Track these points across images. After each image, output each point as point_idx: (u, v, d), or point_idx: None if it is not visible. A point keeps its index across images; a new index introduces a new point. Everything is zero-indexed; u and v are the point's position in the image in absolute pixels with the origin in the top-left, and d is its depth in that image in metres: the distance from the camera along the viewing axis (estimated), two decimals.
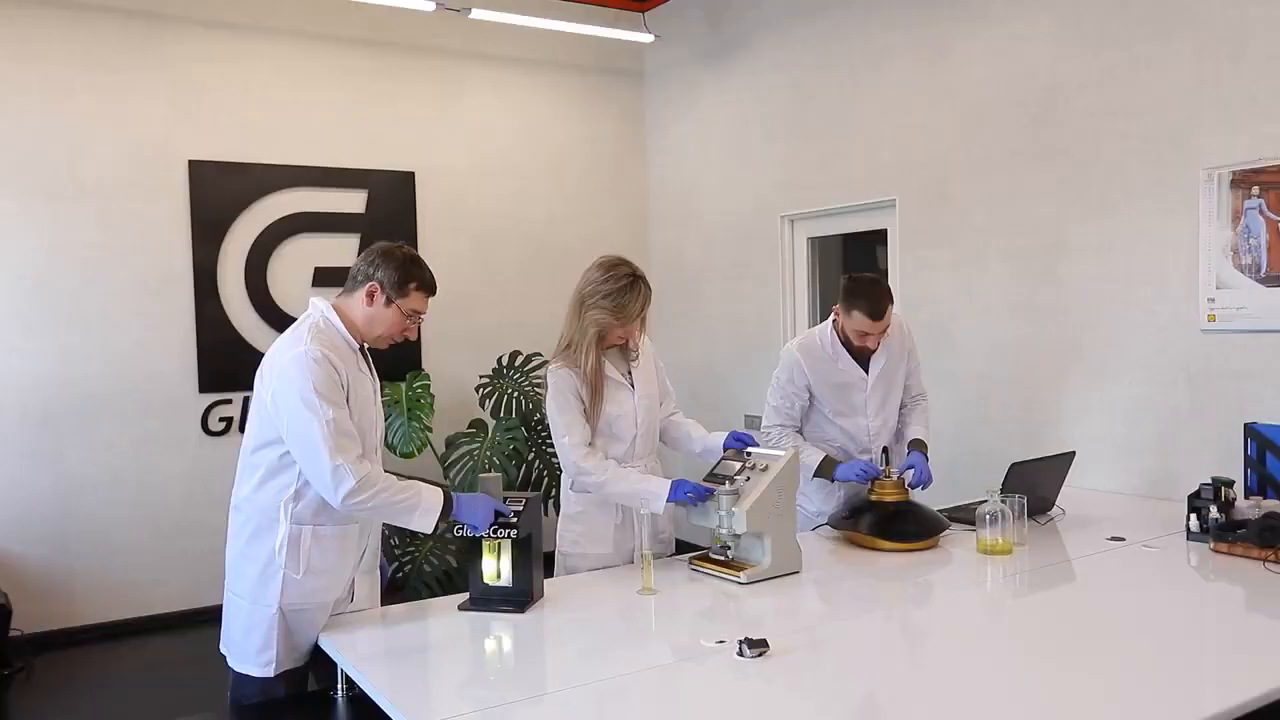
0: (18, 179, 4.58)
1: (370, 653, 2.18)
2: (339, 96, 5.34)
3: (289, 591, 2.24)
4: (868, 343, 3.19)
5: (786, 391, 3.33)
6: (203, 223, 4.97)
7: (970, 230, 4.26)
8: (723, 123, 5.69)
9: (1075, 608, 2.42)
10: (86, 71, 4.70)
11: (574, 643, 2.26)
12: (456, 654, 2.21)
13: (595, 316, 2.73)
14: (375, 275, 2.35)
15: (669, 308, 6.27)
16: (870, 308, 3.10)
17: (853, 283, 3.18)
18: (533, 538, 2.45)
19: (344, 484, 2.14)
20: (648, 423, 2.89)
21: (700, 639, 2.13)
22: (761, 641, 2.03)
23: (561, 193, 6.07)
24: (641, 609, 2.47)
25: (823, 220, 5.13)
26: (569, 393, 2.78)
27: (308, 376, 2.18)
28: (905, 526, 2.94)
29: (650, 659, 2.08)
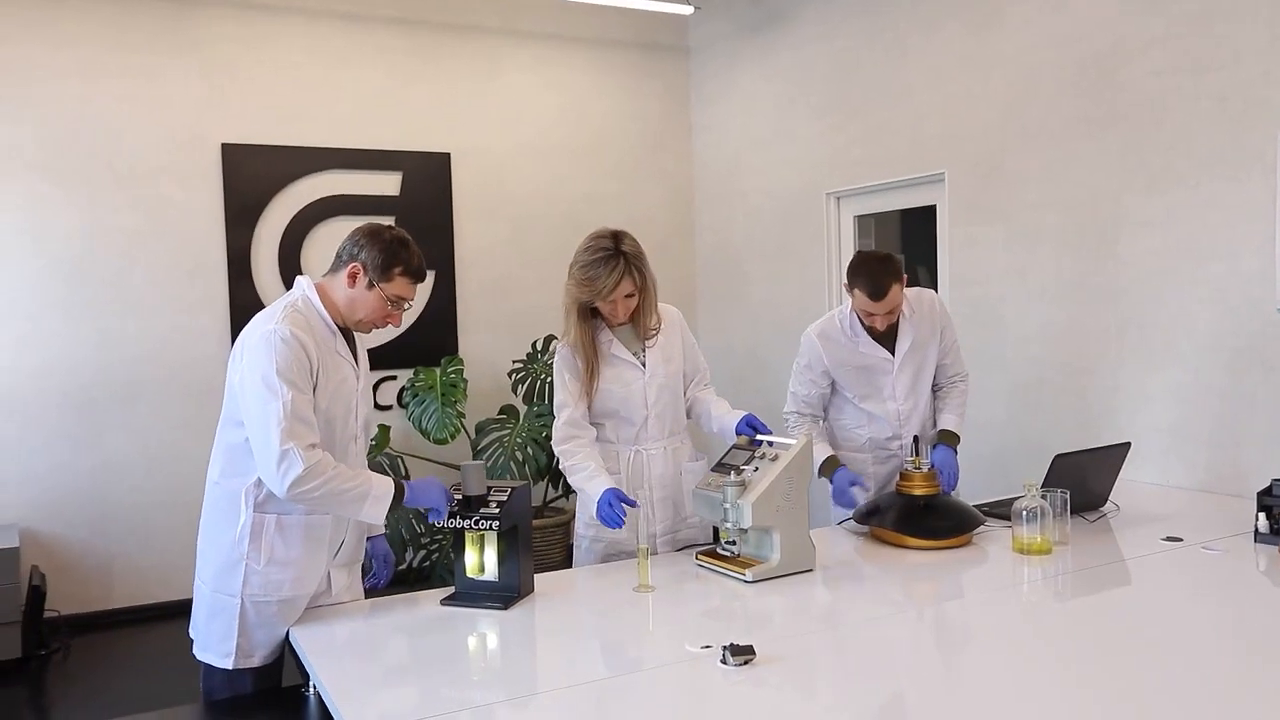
0: (55, 164, 4.61)
1: (335, 648, 2.06)
2: (373, 77, 5.27)
3: (251, 582, 2.14)
4: (874, 323, 3.02)
5: (804, 378, 3.19)
6: (236, 207, 4.95)
7: (1022, 205, 3.97)
8: (766, 97, 5.46)
9: (1118, 616, 2.17)
10: (120, 55, 4.71)
11: (552, 645, 2.11)
12: (424, 652, 2.07)
13: (571, 289, 2.63)
14: (359, 256, 2.22)
15: (714, 291, 6.07)
16: (870, 286, 2.90)
17: (856, 259, 3.02)
18: (519, 529, 2.31)
19: (291, 470, 2.02)
20: (663, 403, 2.72)
21: (685, 644, 1.96)
22: (747, 649, 1.85)
23: (602, 173, 5.91)
24: (636, 608, 2.30)
25: (869, 197, 4.86)
26: (565, 370, 2.68)
27: (272, 356, 2.07)
28: (934, 522, 2.71)
29: (625, 665, 1.92)
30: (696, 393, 2.85)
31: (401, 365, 5.32)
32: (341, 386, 2.23)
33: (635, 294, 2.63)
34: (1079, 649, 1.94)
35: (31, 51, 4.55)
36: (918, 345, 3.12)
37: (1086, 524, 2.89)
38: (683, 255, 6.20)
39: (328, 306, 2.23)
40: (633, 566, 2.56)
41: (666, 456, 2.74)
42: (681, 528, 2.77)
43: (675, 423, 2.79)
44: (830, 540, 2.83)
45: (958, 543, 2.70)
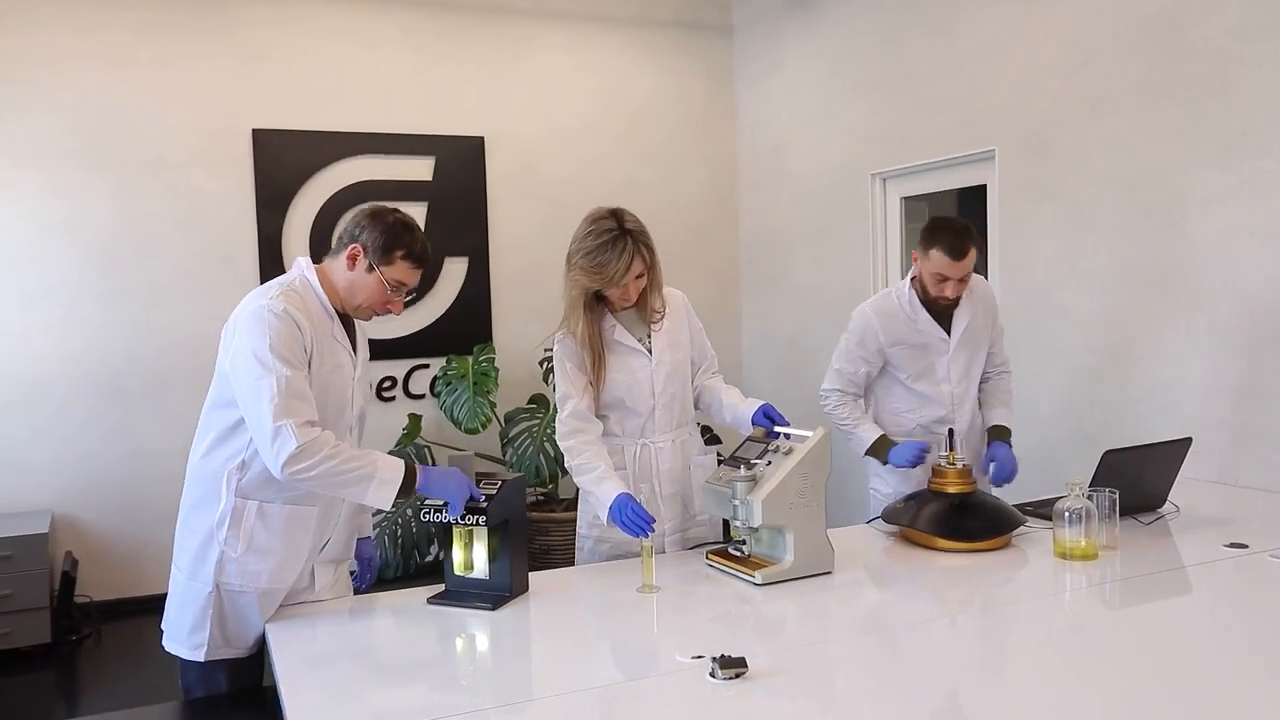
0: (88, 152, 4.61)
1: (307, 648, 1.94)
2: (404, 60, 5.17)
3: (227, 570, 2.03)
4: (945, 290, 2.88)
5: (854, 355, 3.05)
6: (267, 192, 4.91)
7: (1078, 182, 3.69)
8: (810, 75, 5.23)
9: (1170, 631, 1.93)
10: (151, 42, 4.68)
11: (534, 651, 1.96)
12: (399, 655, 1.94)
13: (576, 277, 2.43)
14: (360, 238, 2.10)
15: (757, 276, 5.87)
16: (951, 245, 2.80)
17: (933, 222, 2.91)
18: (511, 525, 2.16)
19: (285, 447, 1.89)
20: (671, 392, 2.55)
21: (676, 653, 1.79)
22: (738, 661, 1.67)
23: (640, 157, 5.74)
24: (634, 611, 2.14)
25: (916, 178, 4.61)
26: (567, 361, 2.51)
27: (265, 332, 1.95)
28: (968, 523, 2.49)
29: (606, 675, 1.76)
30: (705, 381, 2.67)
31: (434, 354, 5.23)
32: (336, 373, 2.11)
33: (645, 273, 2.46)
34: (1124, 666, 1.72)
35: (64, 39, 4.55)
36: (973, 328, 3.02)
37: (1140, 527, 2.64)
38: (725, 241, 6.00)
39: (327, 290, 2.12)
40: (636, 566, 2.41)
41: (675, 450, 2.57)
42: (690, 525, 2.60)
43: (684, 413, 2.61)
44: (857, 540, 2.63)
45: (994, 545, 2.48)
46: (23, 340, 4.54)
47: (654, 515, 2.49)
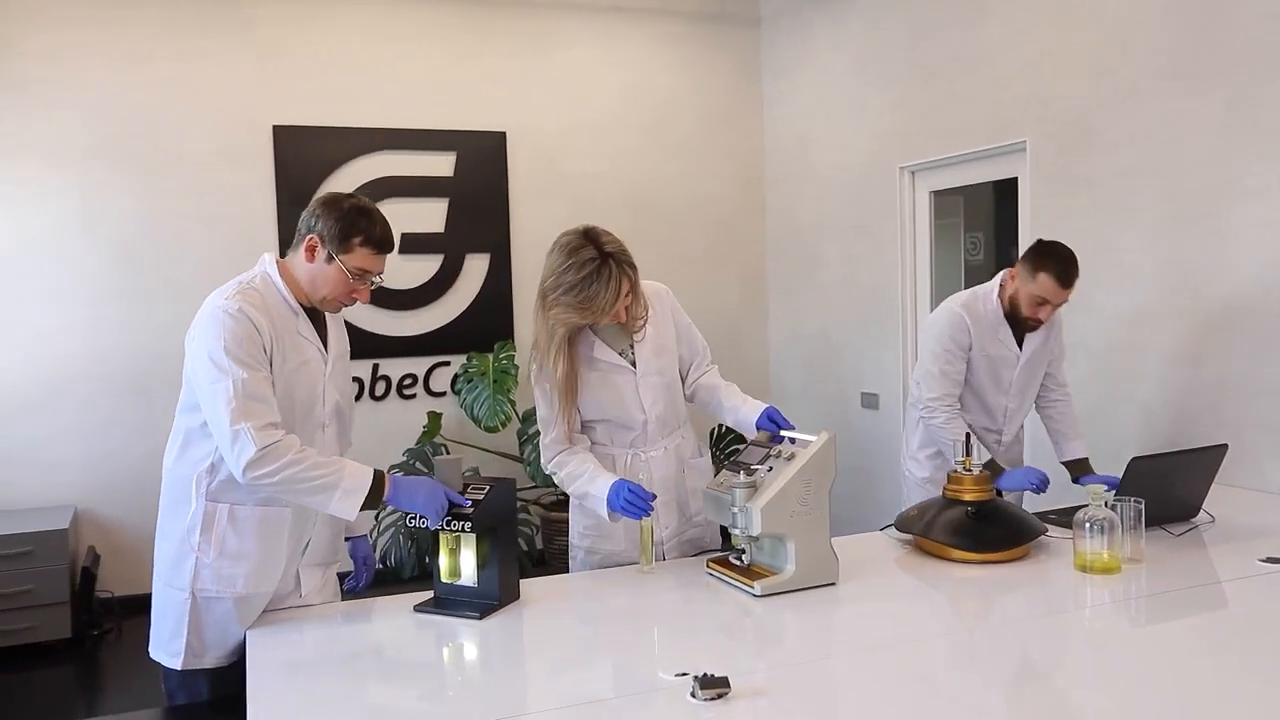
0: (110, 150, 4.63)
1: (283, 655, 1.88)
2: (425, 54, 5.13)
3: (202, 576, 1.99)
4: (1040, 314, 2.89)
5: (954, 354, 2.99)
6: (289, 189, 4.89)
7: (1112, 173, 3.53)
8: (839, 66, 5.09)
9: (1194, 651, 1.80)
10: (171, 39, 4.69)
11: (514, 664, 1.89)
12: (378, 665, 1.88)
13: (560, 315, 2.24)
14: (316, 227, 2.04)
15: (784, 273, 5.75)
16: (1061, 271, 2.82)
17: (1043, 245, 2.92)
18: (499, 532, 2.09)
19: (245, 452, 1.84)
20: (662, 404, 2.44)
21: (660, 670, 1.71)
22: (720, 681, 1.58)
23: (666, 151, 5.65)
24: (626, 622, 2.06)
25: (945, 171, 4.46)
26: (546, 383, 2.36)
27: (220, 334, 1.91)
28: (983, 532, 2.37)
29: (583, 691, 1.67)
30: (700, 378, 2.54)
31: (455, 350, 5.19)
32: (302, 370, 2.05)
33: (631, 290, 2.29)
34: (1146, 689, 1.60)
35: (87, 38, 4.57)
36: (1041, 348, 3.06)
37: (1170, 538, 2.50)
38: (751, 236, 5.89)
39: (290, 284, 2.06)
40: (630, 575, 2.34)
41: (668, 456, 2.46)
42: (687, 528, 2.50)
43: (676, 418, 2.50)
44: (869, 549, 2.52)
45: (1010, 556, 2.35)
46: (48, 338, 4.58)
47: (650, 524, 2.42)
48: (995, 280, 3.04)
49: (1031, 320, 2.93)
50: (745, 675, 1.66)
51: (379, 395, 5.12)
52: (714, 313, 5.77)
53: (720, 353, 5.68)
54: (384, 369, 5.12)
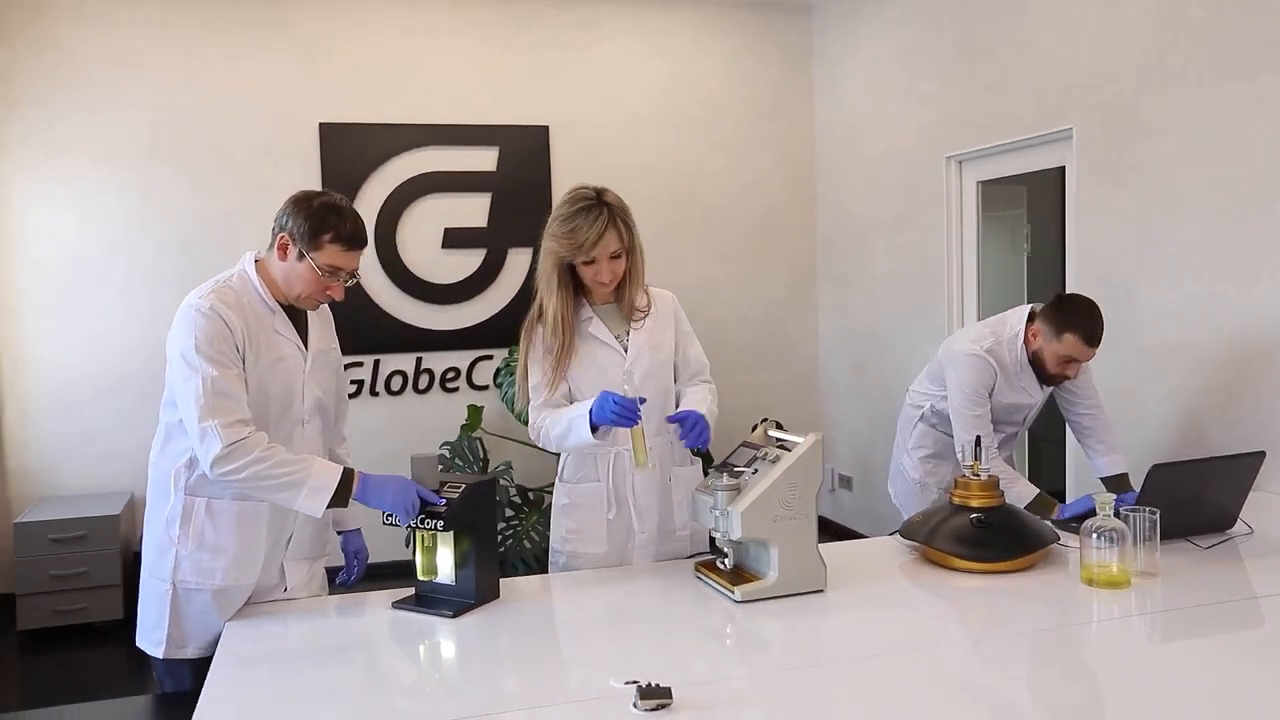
0: (165, 149, 4.79)
1: (247, 648, 1.90)
2: (468, 49, 5.16)
3: (182, 568, 2.03)
4: (1068, 371, 2.81)
5: (981, 395, 2.92)
6: (333, 185, 4.93)
7: (1160, 161, 3.33)
8: (887, 53, 4.94)
9: (1200, 677, 1.68)
10: (220, 41, 4.82)
11: (469, 666, 1.87)
12: (339, 660, 1.88)
13: (549, 246, 2.32)
14: (287, 226, 2.07)
15: (834, 268, 5.62)
16: (1088, 330, 2.73)
17: (1065, 302, 2.81)
18: (477, 531, 2.08)
19: (211, 448, 1.88)
20: (645, 394, 2.39)
21: (612, 677, 1.67)
22: (662, 691, 1.54)
23: (713, 143, 5.57)
24: (599, 625, 2.03)
25: (992, 160, 4.29)
26: (540, 344, 2.38)
27: (191, 331, 1.95)
28: (988, 541, 2.26)
29: (529, 696, 1.65)
30: (684, 387, 2.49)
31: (498, 345, 5.23)
32: (278, 366, 2.07)
33: (622, 254, 2.31)
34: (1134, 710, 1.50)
35: (142, 41, 4.73)
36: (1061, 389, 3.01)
37: (1196, 551, 2.35)
38: (801, 229, 5.77)
39: (267, 282, 2.09)
40: (613, 575, 2.31)
41: (651, 459, 2.41)
42: (666, 540, 2.43)
43: (661, 419, 2.45)
44: (872, 555, 2.44)
45: (1016, 566, 2.24)
46: (110, 331, 4.76)
47: (631, 529, 2.39)
48: (1017, 322, 2.93)
49: (1059, 378, 2.86)
50: (716, 684, 1.62)
51: (422, 388, 5.18)
52: (759, 307, 5.68)
53: (766, 348, 5.67)
54: (427, 362, 5.18)
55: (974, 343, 2.95)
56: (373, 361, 5.09)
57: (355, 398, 5.07)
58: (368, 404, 5.09)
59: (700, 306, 5.58)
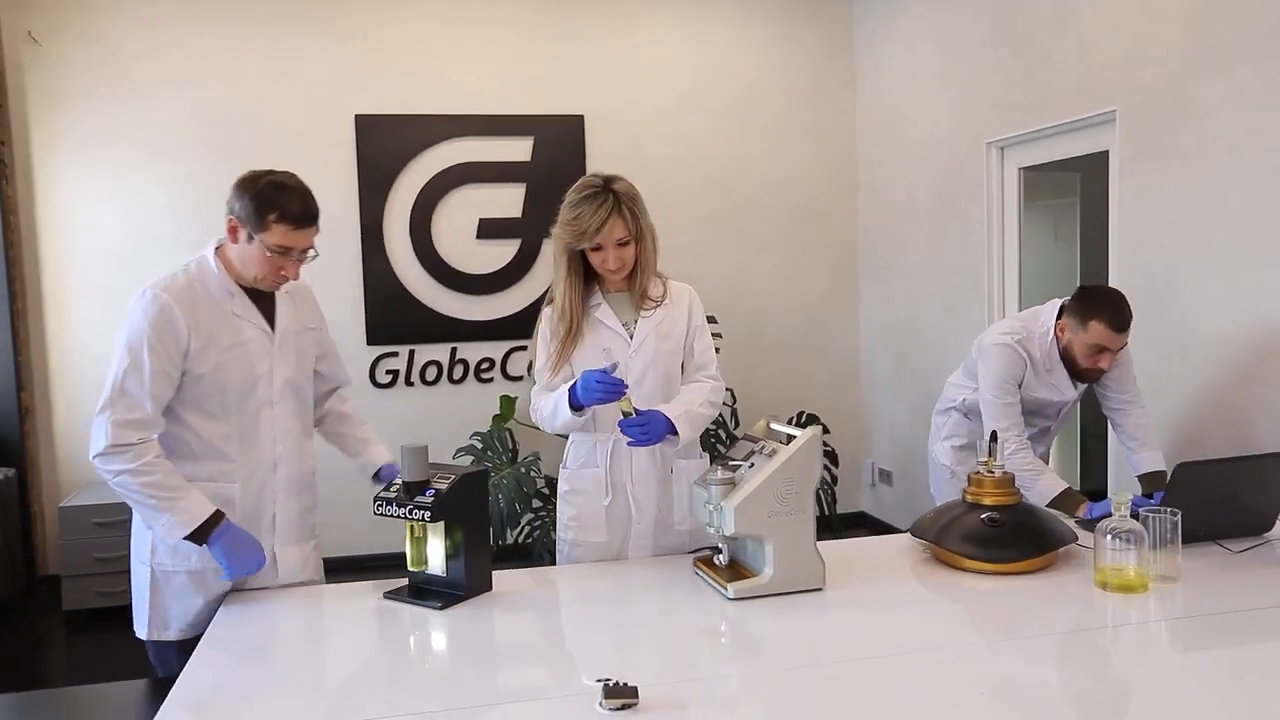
0: (208, 141, 4.87)
1: (237, 637, 1.91)
2: (503, 39, 5.15)
3: (158, 550, 2.08)
4: (1101, 362, 2.71)
5: (1009, 384, 2.83)
6: (369, 176, 5.02)
7: (1209, 144, 3.17)
8: (928, 37, 4.80)
9: (1213, 683, 1.58)
10: (261, 33, 4.88)
11: (444, 660, 1.84)
12: (317, 651, 1.88)
13: (557, 233, 2.33)
14: (234, 209, 2.06)
15: (875, 258, 5.49)
16: (1114, 315, 2.64)
17: (1089, 291, 2.74)
18: (467, 524, 2.06)
19: (96, 442, 1.94)
20: (648, 384, 2.35)
21: (585, 674, 1.63)
22: (628, 690, 1.49)
23: (753, 132, 5.48)
24: (590, 619, 2.00)
25: (1033, 145, 4.13)
26: (546, 330, 2.40)
27: (127, 325, 2.01)
28: (1000, 540, 2.16)
29: (497, 692, 1.62)
30: (685, 383, 2.43)
31: (532, 335, 5.19)
32: (238, 350, 2.08)
33: (630, 241, 2.29)
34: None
35: (185, 34, 4.81)
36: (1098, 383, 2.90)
37: (1226, 555, 2.22)
38: (843, 219, 5.65)
39: (227, 266, 2.11)
40: (613, 570, 2.28)
41: (654, 449, 2.36)
42: (665, 535, 2.39)
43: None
44: (883, 554, 2.36)
45: (1028, 566, 2.14)
46: None
47: (629, 517, 2.36)
48: (1049, 317, 2.83)
49: (1093, 372, 2.76)
50: (698, 682, 1.57)
51: (457, 379, 5.20)
52: (799, 299, 5.58)
53: (806, 340, 5.57)
54: (461, 353, 5.20)
55: (1004, 334, 2.87)
56: (408, 352, 5.13)
57: (390, 388, 5.11)
58: (403, 394, 5.13)
59: (739, 298, 5.51)
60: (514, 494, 4.37)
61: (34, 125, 4.72)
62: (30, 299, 4.78)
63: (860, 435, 5.72)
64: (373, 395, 5.07)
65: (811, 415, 5.04)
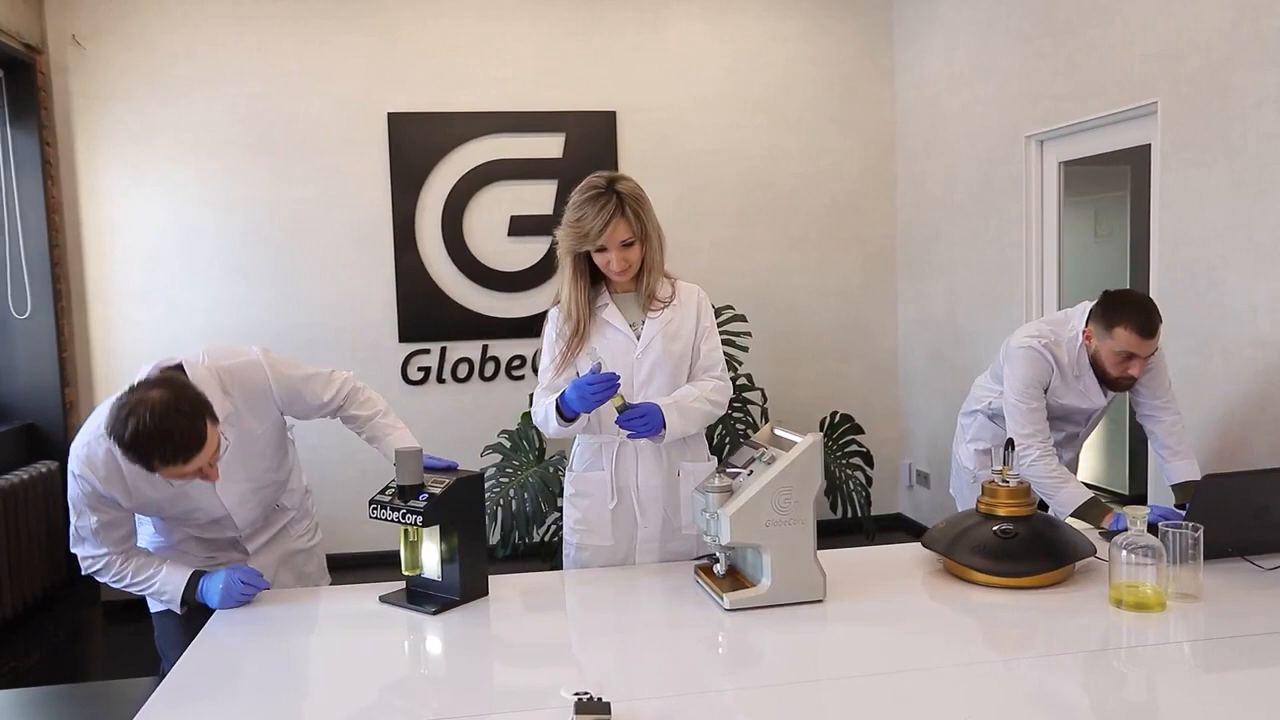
0: (244, 139, 4.93)
1: (234, 639, 1.91)
2: (534, 35, 5.13)
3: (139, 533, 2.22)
4: (1131, 370, 2.59)
5: (1036, 392, 2.71)
6: (401, 174, 5.05)
7: (1255, 136, 3.01)
8: (967, 25, 4.67)
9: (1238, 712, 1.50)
10: (294, 32, 4.93)
11: (423, 668, 1.82)
12: (298, 657, 1.87)
13: (560, 235, 2.28)
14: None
15: (913, 255, 5.37)
16: (1140, 320, 2.52)
17: (1114, 296, 2.62)
18: (461, 528, 2.04)
19: (83, 566, 2.13)
20: (656, 384, 2.31)
21: (565, 687, 1.59)
22: (600, 706, 1.45)
23: (788, 126, 5.39)
24: (584, 627, 1.97)
25: (1073, 139, 3.99)
26: (553, 332, 2.34)
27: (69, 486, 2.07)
28: (1013, 553, 2.08)
29: (469, 702, 1.59)
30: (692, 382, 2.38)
31: None
32: (179, 496, 2.11)
33: (634, 242, 2.24)
34: None
35: (223, 33, 4.88)
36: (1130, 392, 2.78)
37: (1256, 574, 2.10)
38: (881, 216, 5.53)
39: None
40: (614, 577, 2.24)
41: (659, 452, 2.32)
42: (672, 539, 2.35)
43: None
44: (894, 563, 2.29)
45: (1041, 581, 2.06)
46: (186, 317, 4.95)
47: (635, 523, 2.32)
48: (1079, 321, 2.72)
49: (1123, 380, 2.64)
50: (686, 696, 1.53)
51: (488, 376, 5.21)
52: (836, 295, 5.48)
53: (843, 338, 5.47)
54: (493, 350, 5.20)
55: (1031, 337, 2.76)
56: (439, 349, 5.15)
57: (422, 385, 5.14)
58: (434, 391, 5.15)
59: (772, 295, 5.43)
60: (540, 492, 4.36)
61: (77, 126, 4.83)
62: (74, 296, 4.89)
63: (898, 436, 5.60)
64: (404, 392, 5.10)
65: (845, 415, 4.94)
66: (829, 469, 4.84)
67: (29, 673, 3.85)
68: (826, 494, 4.85)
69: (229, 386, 2.09)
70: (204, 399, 1.91)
